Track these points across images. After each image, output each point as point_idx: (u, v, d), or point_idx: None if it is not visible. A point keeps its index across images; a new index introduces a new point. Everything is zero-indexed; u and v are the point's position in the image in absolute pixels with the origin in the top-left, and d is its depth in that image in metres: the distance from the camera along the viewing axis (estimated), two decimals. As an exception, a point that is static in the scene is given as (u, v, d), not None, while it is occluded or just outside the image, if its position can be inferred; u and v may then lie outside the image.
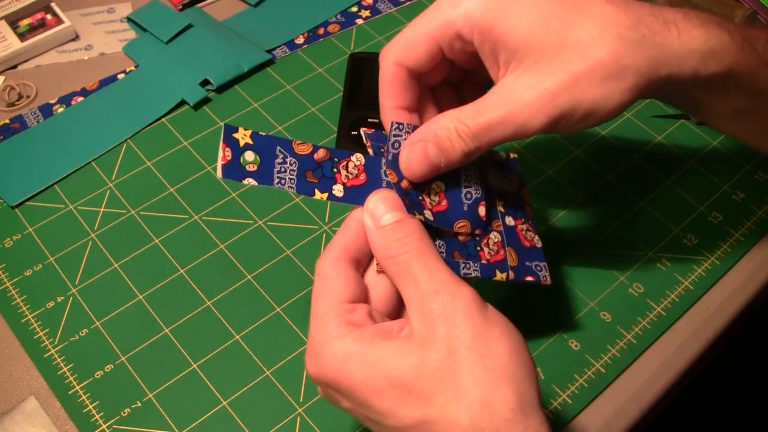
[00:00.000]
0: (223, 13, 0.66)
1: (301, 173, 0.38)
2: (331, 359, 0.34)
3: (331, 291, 0.35)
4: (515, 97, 0.36)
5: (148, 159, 0.56)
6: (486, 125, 0.36)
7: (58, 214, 0.53)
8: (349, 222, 0.38)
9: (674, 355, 0.47)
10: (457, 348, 0.32)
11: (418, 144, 0.37)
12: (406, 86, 0.39)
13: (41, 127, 0.58)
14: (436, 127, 0.37)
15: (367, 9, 0.67)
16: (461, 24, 0.37)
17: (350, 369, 0.33)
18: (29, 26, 0.63)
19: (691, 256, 0.51)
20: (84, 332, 0.47)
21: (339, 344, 0.34)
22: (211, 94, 0.60)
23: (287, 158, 0.38)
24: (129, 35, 0.64)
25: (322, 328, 0.34)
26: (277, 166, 0.37)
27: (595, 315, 0.48)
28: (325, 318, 0.35)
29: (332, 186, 0.38)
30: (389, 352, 0.33)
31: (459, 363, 0.32)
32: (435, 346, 0.32)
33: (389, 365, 0.32)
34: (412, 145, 0.37)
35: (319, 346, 0.34)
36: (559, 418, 0.44)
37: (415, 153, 0.37)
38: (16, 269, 0.50)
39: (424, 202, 0.38)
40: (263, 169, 0.37)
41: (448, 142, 0.36)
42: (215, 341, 0.47)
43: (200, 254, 0.51)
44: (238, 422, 0.44)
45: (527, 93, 0.35)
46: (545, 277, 0.41)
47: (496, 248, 0.40)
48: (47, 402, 0.45)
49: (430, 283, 0.34)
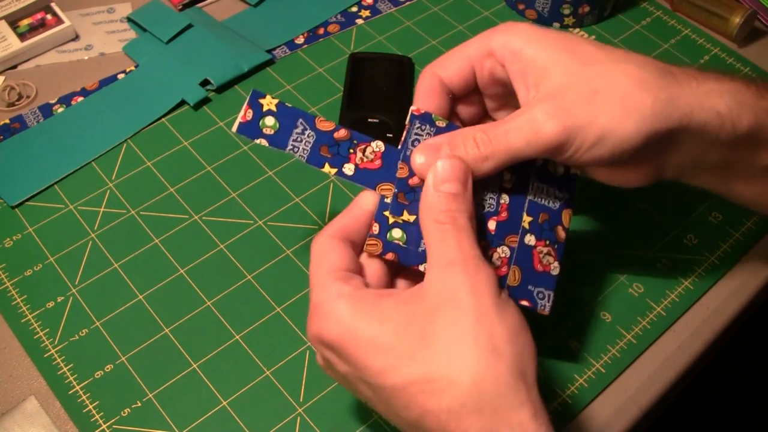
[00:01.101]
0: (223, 13, 0.66)
1: (316, 146, 0.39)
2: (335, 318, 0.34)
3: (328, 260, 0.36)
4: (534, 104, 0.37)
5: (148, 159, 0.56)
6: (503, 131, 0.37)
7: (58, 214, 0.53)
8: (352, 206, 0.39)
9: (674, 355, 0.47)
10: (469, 313, 0.33)
11: (432, 146, 0.38)
12: (437, 95, 0.41)
13: (41, 127, 0.58)
14: (456, 134, 0.38)
15: (367, 9, 0.67)
16: (495, 45, 0.39)
17: (356, 326, 0.34)
18: (29, 26, 0.63)
19: (691, 256, 0.51)
20: (84, 332, 0.47)
21: (343, 303, 0.34)
22: (211, 94, 0.60)
23: (306, 130, 0.39)
24: (129, 35, 0.64)
25: (325, 291, 0.35)
26: (294, 134, 0.39)
27: (595, 315, 0.48)
28: (325, 282, 0.35)
29: (344, 164, 0.39)
30: (397, 310, 0.33)
31: (469, 327, 0.32)
32: (447, 307, 0.33)
33: (397, 322, 0.33)
34: (426, 147, 0.38)
35: (323, 306, 0.35)
36: (559, 418, 0.44)
37: (428, 151, 0.38)
38: (16, 269, 0.50)
39: None
40: (280, 134, 0.39)
41: (462, 147, 0.37)
42: (215, 341, 0.47)
43: (200, 254, 0.51)
44: (238, 422, 0.44)
45: (546, 101, 0.37)
46: (543, 306, 0.40)
47: (499, 263, 0.39)
48: (47, 402, 0.45)
49: (461, 252, 0.34)
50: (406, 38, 0.64)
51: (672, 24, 0.66)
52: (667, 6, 0.68)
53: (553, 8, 0.64)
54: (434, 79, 0.41)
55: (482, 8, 0.67)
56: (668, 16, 0.67)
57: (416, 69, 0.61)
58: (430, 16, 0.66)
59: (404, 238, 0.38)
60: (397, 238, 0.38)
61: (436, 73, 0.41)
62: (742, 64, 0.63)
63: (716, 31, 0.65)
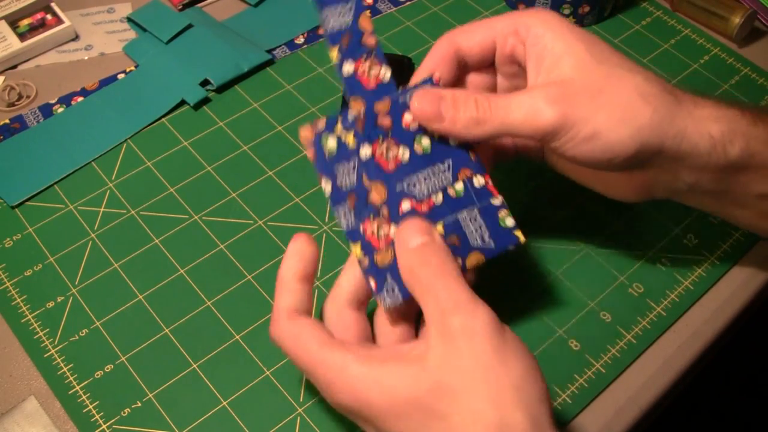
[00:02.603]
0: (223, 13, 0.66)
1: (343, 31, 0.40)
2: (347, 389, 0.34)
3: (341, 330, 0.38)
4: (539, 87, 0.38)
5: (148, 159, 0.56)
6: (504, 102, 0.38)
7: (58, 214, 0.53)
8: (348, 267, 0.39)
9: (674, 355, 0.47)
10: (474, 367, 0.32)
11: (435, 93, 0.39)
12: (449, 62, 0.42)
13: (41, 127, 0.58)
14: (460, 91, 0.39)
15: (367, 9, 0.67)
16: (521, 24, 0.40)
17: (367, 396, 0.33)
18: (29, 26, 0.63)
19: (691, 256, 0.51)
20: (84, 332, 0.47)
21: (352, 371, 0.34)
22: (211, 94, 0.60)
23: (351, 11, 0.40)
24: (129, 35, 0.64)
25: (330, 363, 0.35)
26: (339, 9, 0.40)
27: (595, 315, 0.48)
28: (329, 355, 0.35)
29: (347, 60, 0.40)
30: (405, 374, 0.33)
31: (476, 382, 0.32)
32: (453, 363, 0.32)
33: (407, 388, 0.33)
34: (428, 93, 0.39)
35: (333, 380, 0.35)
36: (559, 418, 0.44)
37: (430, 98, 0.38)
38: (16, 269, 0.50)
39: (375, 148, 0.38)
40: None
41: (462, 103, 0.38)
42: (215, 341, 0.47)
43: (200, 254, 0.51)
44: (238, 422, 0.44)
45: (550, 86, 0.38)
46: (383, 298, 0.37)
47: (384, 236, 0.38)
48: (47, 402, 0.45)
49: (449, 300, 0.34)
50: (406, 38, 0.64)
51: (672, 24, 0.66)
52: (667, 6, 0.68)
53: (553, 8, 0.64)
54: (451, 47, 0.41)
55: (482, 8, 0.67)
56: (668, 16, 0.67)
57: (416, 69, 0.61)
58: (430, 16, 0.66)
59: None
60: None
61: (454, 41, 0.41)
62: (742, 64, 0.63)
63: (716, 31, 0.65)
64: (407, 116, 0.39)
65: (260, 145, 0.57)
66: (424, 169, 0.39)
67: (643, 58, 0.63)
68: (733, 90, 0.61)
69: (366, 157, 0.38)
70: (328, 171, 0.38)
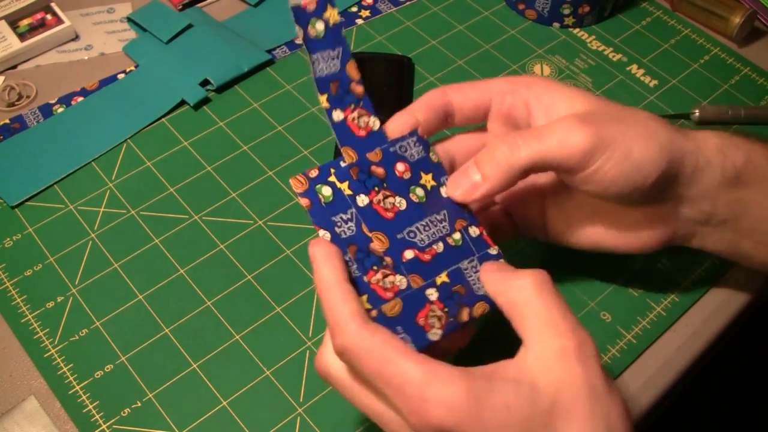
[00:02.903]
0: (223, 13, 0.66)
1: (329, 78, 0.39)
2: (445, 406, 0.30)
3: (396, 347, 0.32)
4: (566, 117, 0.38)
5: (148, 159, 0.56)
6: (537, 133, 0.37)
7: (58, 214, 0.53)
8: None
9: (674, 355, 0.47)
10: (590, 392, 0.31)
11: (463, 170, 0.39)
12: (435, 112, 0.41)
13: (41, 127, 0.58)
14: (492, 140, 0.40)
15: (367, 9, 0.67)
16: (520, 84, 0.41)
17: (477, 414, 0.30)
18: (29, 26, 0.63)
19: (692, 256, 0.51)
20: (84, 332, 0.47)
21: (455, 384, 0.30)
22: (211, 94, 0.60)
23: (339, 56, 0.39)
24: (129, 35, 0.64)
25: (425, 373, 0.31)
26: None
27: (595, 315, 0.48)
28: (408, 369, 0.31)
29: (336, 109, 0.39)
30: (518, 393, 0.31)
31: (592, 407, 0.31)
32: (569, 385, 0.31)
33: (522, 407, 0.31)
34: (460, 172, 0.39)
35: (426, 389, 0.30)
36: (559, 418, 0.44)
37: (461, 177, 0.39)
38: (16, 269, 0.50)
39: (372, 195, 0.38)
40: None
41: (490, 150, 0.38)
42: (215, 341, 0.47)
43: (200, 254, 0.51)
44: (238, 422, 0.44)
45: (577, 115, 0.38)
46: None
47: (390, 288, 0.36)
48: (47, 402, 0.45)
49: (563, 321, 0.32)
50: (406, 38, 0.64)
51: (672, 24, 0.66)
52: (667, 6, 0.68)
53: (553, 8, 0.64)
54: (442, 98, 0.41)
55: (482, 8, 0.67)
56: (668, 16, 0.67)
57: (416, 69, 0.61)
58: (430, 16, 0.66)
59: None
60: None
61: (447, 95, 0.41)
62: (741, 64, 0.63)
63: (716, 31, 0.65)
64: (399, 166, 0.39)
65: (260, 145, 0.57)
66: (422, 218, 0.38)
67: (643, 58, 0.63)
68: (733, 90, 0.61)
69: (364, 205, 0.37)
70: (326, 221, 0.37)
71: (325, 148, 0.56)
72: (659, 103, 0.59)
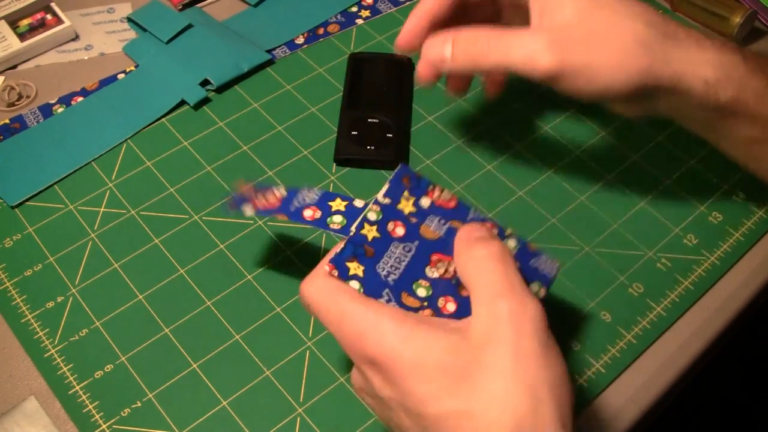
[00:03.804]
0: (223, 13, 0.66)
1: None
2: (377, 341, 0.34)
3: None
4: (543, 28, 0.41)
5: (148, 159, 0.56)
6: (506, 43, 0.41)
7: (58, 214, 0.53)
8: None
9: (674, 355, 0.47)
10: (517, 354, 0.32)
11: (439, 36, 0.44)
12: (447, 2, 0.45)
13: (41, 127, 0.58)
14: (466, 30, 0.43)
15: (367, 9, 0.67)
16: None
17: (399, 351, 0.33)
18: (29, 26, 0.63)
19: (691, 256, 0.51)
20: (84, 332, 0.47)
21: (389, 325, 0.34)
22: (211, 94, 0.60)
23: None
24: (129, 35, 0.64)
25: (364, 315, 0.35)
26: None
27: (595, 315, 0.48)
28: (363, 308, 0.35)
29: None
30: (443, 340, 0.33)
31: (516, 369, 0.32)
32: (498, 344, 0.32)
33: (443, 353, 0.33)
34: (435, 36, 0.44)
35: (364, 330, 0.34)
36: (559, 418, 0.44)
37: (433, 44, 0.44)
38: (16, 269, 0.50)
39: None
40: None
41: (472, 40, 0.42)
42: (215, 341, 0.47)
43: (200, 254, 0.51)
44: (238, 422, 0.44)
45: (553, 30, 0.40)
46: None
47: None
48: (47, 402, 0.45)
49: (504, 283, 0.34)
50: (406, 38, 0.64)
51: (672, 24, 0.66)
52: (667, 6, 0.68)
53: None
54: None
55: (482, 8, 0.67)
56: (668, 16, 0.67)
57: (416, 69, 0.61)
58: (430, 16, 0.66)
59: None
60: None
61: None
62: (742, 64, 0.63)
63: (716, 31, 0.65)
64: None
65: (260, 145, 0.57)
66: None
67: (643, 58, 0.63)
68: (733, 90, 0.61)
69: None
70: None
71: (325, 148, 0.56)
72: (659, 103, 0.59)
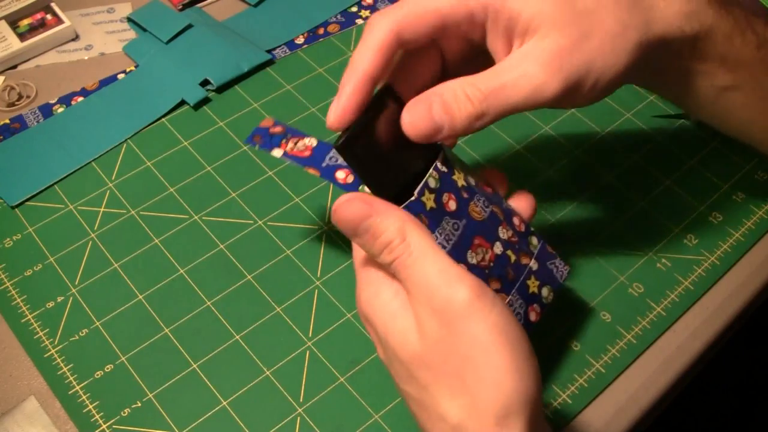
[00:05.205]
0: (223, 13, 0.66)
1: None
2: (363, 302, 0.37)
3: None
4: (531, 58, 0.35)
5: (148, 159, 0.56)
6: (499, 86, 0.35)
7: (58, 214, 0.53)
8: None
9: (674, 355, 0.47)
10: (451, 347, 0.33)
11: (422, 103, 0.36)
12: (389, 57, 0.37)
13: (41, 127, 0.58)
14: (444, 89, 0.36)
15: (367, 9, 0.67)
16: (474, 2, 0.36)
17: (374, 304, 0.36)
18: (29, 26, 0.63)
19: (691, 256, 0.51)
20: (84, 332, 0.47)
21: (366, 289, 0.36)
22: (211, 94, 0.60)
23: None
24: (129, 35, 0.64)
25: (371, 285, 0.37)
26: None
27: (595, 315, 0.48)
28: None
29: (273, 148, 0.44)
30: (395, 295, 0.35)
31: (454, 362, 0.33)
32: (438, 345, 0.33)
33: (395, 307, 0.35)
34: (416, 104, 0.36)
35: (371, 297, 0.36)
36: (559, 418, 0.44)
37: (420, 111, 0.36)
38: (16, 269, 0.50)
39: None
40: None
41: (454, 103, 0.35)
42: (215, 341, 0.47)
43: (200, 254, 0.51)
44: (238, 422, 0.44)
45: (543, 55, 0.35)
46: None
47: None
48: (47, 402, 0.45)
49: (434, 276, 0.34)
50: (406, 38, 0.64)
51: (672, 24, 0.66)
52: None
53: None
54: (392, 38, 0.37)
55: (482, 8, 0.67)
56: None
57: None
58: (430, 16, 0.66)
59: None
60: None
61: (397, 32, 0.36)
62: (742, 64, 0.63)
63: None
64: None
65: (260, 145, 0.57)
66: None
67: (643, 58, 0.63)
68: (733, 90, 0.61)
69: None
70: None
71: (325, 148, 0.56)
72: (659, 104, 0.59)
